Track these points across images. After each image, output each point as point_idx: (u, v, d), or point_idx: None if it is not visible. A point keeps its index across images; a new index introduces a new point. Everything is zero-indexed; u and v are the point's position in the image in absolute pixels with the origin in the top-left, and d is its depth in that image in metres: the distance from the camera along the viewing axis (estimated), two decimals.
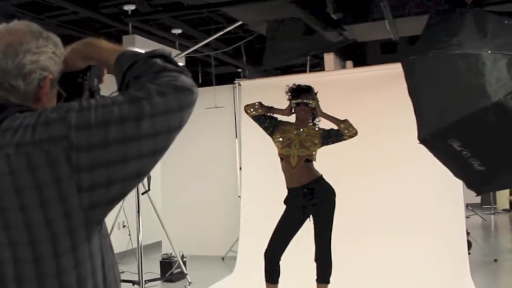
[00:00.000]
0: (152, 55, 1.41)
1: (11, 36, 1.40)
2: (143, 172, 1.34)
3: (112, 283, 1.42)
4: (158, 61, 1.39)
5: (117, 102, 1.29)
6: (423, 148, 3.64)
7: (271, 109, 5.19)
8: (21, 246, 1.27)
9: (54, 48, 1.46)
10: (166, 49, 6.02)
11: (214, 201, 8.74)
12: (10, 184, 1.25)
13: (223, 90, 8.73)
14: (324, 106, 6.39)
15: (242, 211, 7.88)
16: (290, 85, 5.25)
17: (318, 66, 8.69)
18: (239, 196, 8.14)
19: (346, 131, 5.03)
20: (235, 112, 8.53)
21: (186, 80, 1.38)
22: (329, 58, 7.88)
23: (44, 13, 6.14)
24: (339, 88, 7.47)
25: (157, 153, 1.34)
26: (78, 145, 1.24)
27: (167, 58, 1.42)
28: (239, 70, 9.26)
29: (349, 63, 8.13)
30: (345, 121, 5.05)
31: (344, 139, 5.07)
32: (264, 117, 5.18)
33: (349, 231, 6.40)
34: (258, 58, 7.95)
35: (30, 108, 1.38)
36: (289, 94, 5.20)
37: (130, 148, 1.28)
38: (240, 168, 8.25)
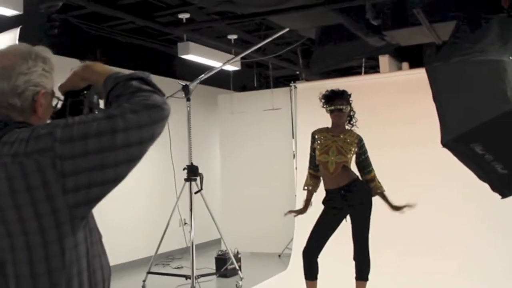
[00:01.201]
0: (130, 77, 1.62)
1: (5, 60, 1.64)
2: (119, 177, 1.55)
3: (98, 270, 1.64)
4: (135, 83, 1.60)
5: (96, 118, 1.53)
6: None
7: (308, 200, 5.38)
8: (16, 236, 1.51)
9: (43, 65, 1.69)
10: (223, 55, 6.19)
11: (272, 200, 8.90)
12: (6, 187, 1.50)
13: (280, 93, 8.89)
14: (379, 108, 6.48)
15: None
16: (324, 92, 5.28)
17: (375, 68, 8.73)
18: (296, 195, 8.28)
19: (375, 188, 5.20)
20: (292, 114, 8.68)
21: (158, 98, 1.58)
22: (384, 60, 7.93)
23: (104, 23, 6.48)
24: (394, 89, 7.53)
25: (131, 161, 1.55)
26: (63, 155, 1.48)
27: (144, 80, 1.63)
28: (297, 72, 9.39)
29: (405, 64, 8.14)
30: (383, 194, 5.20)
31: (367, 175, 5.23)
32: (312, 166, 5.35)
33: (390, 231, 6.48)
34: None
35: (28, 124, 1.62)
36: (323, 100, 5.24)
37: (107, 157, 1.50)
38: (296, 168, 8.39)
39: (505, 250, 6.39)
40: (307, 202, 5.35)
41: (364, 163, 5.21)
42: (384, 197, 5.18)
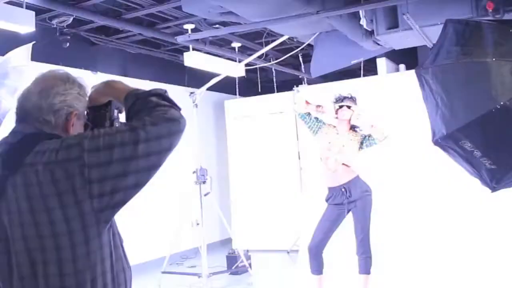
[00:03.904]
0: (150, 94, 1.73)
1: (45, 82, 1.76)
2: (140, 184, 1.66)
3: (120, 272, 1.74)
4: (154, 98, 1.71)
5: (120, 130, 1.64)
6: None
7: (318, 106, 5.40)
8: (46, 238, 1.60)
9: (79, 89, 1.80)
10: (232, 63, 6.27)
11: (279, 199, 9.00)
12: (38, 192, 1.60)
13: (284, 96, 8.94)
14: (378, 108, 6.55)
15: (303, 208, 8.12)
16: (337, 95, 5.45)
17: (374, 70, 8.79)
18: (302, 194, 8.36)
19: (375, 136, 5.21)
20: (295, 116, 8.75)
21: (175, 113, 1.69)
22: (381, 63, 8.01)
23: (113, 36, 6.59)
24: (391, 91, 7.59)
25: (151, 169, 1.66)
26: (90, 164, 1.59)
27: (162, 96, 1.73)
28: (300, 76, 9.47)
29: (402, 66, 8.21)
30: (373, 126, 5.20)
31: (376, 143, 5.22)
32: (309, 117, 5.41)
33: (391, 226, 6.57)
34: None
35: (58, 136, 1.71)
36: (334, 100, 5.42)
37: (129, 165, 1.61)
38: (302, 168, 8.49)
39: (506, 244, 6.43)
40: None
41: (368, 138, 5.30)
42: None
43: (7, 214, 1.64)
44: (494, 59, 3.53)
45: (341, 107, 5.31)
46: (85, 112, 1.86)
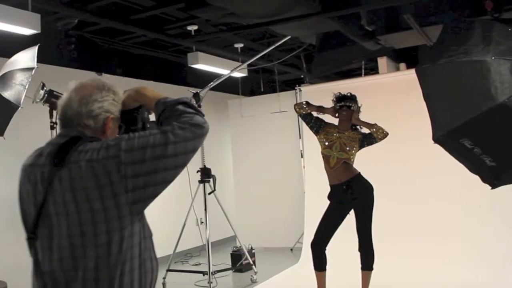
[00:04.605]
0: (177, 102, 1.96)
1: (84, 90, 1.99)
2: (167, 180, 1.88)
3: (147, 260, 1.94)
4: (181, 107, 1.94)
5: (152, 133, 1.86)
6: None
7: (319, 107, 5.43)
8: (86, 225, 1.82)
9: (114, 96, 2.03)
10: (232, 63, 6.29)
11: (282, 197, 9.05)
12: (80, 185, 1.82)
13: (287, 96, 9.01)
14: (379, 106, 6.57)
15: (306, 206, 8.13)
16: (337, 94, 5.50)
17: (375, 69, 8.79)
18: (305, 192, 8.38)
19: (375, 134, 5.24)
20: (298, 116, 8.76)
21: (199, 119, 1.93)
22: (382, 62, 7.99)
23: (117, 37, 6.60)
24: (392, 90, 7.59)
25: (177, 167, 1.88)
26: (126, 161, 1.81)
27: (187, 104, 1.97)
28: (302, 76, 9.48)
29: (402, 65, 8.20)
30: (375, 125, 5.23)
31: (376, 142, 5.26)
32: (310, 117, 5.46)
33: (393, 222, 6.57)
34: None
35: (98, 139, 1.95)
36: (335, 100, 5.47)
37: (159, 164, 1.83)
38: (304, 167, 8.50)
39: (505, 234, 6.44)
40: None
41: (369, 137, 5.33)
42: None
43: (54, 204, 1.85)
44: (493, 58, 3.54)
45: (341, 106, 5.36)
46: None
